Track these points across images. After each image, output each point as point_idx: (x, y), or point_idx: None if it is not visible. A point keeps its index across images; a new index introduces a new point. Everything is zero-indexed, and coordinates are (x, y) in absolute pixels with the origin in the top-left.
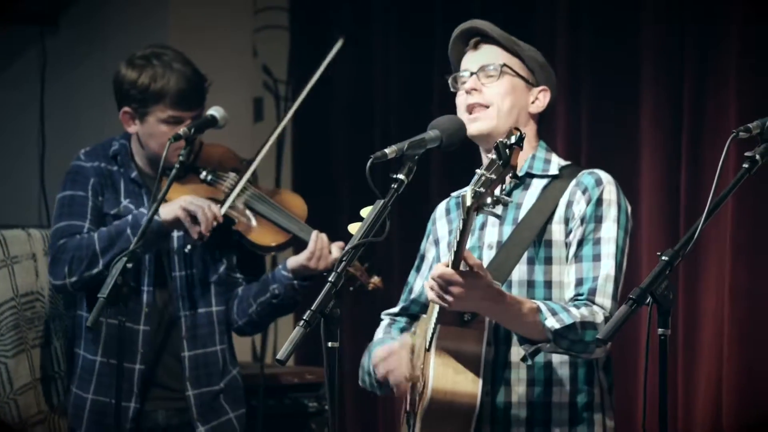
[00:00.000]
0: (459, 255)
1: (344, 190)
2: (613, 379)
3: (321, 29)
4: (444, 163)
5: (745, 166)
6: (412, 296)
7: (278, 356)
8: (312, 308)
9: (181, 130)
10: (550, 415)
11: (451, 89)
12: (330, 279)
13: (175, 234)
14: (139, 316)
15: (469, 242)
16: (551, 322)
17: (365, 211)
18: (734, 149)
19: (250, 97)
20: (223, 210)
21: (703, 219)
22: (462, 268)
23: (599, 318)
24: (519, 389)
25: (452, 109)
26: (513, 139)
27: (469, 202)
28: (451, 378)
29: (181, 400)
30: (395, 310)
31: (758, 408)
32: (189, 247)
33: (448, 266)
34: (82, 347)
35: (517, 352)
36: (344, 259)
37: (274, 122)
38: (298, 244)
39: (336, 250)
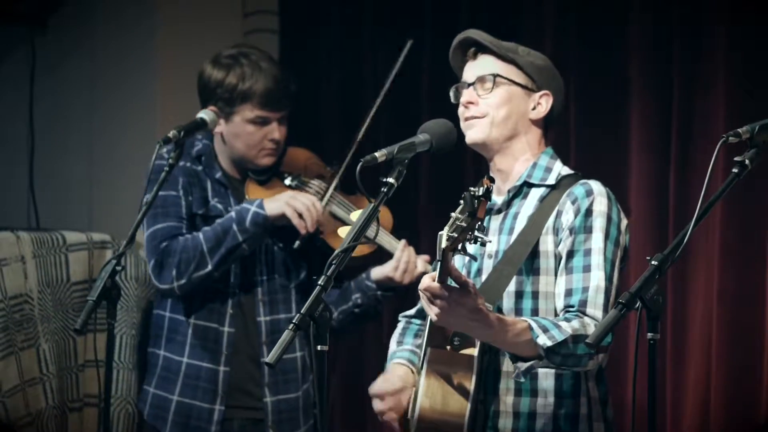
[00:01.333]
0: (443, 274)
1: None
2: (607, 390)
3: (310, 33)
4: (433, 166)
5: (735, 171)
6: None
7: (268, 359)
8: (301, 312)
9: (171, 132)
10: (534, 425)
11: (453, 101)
12: (319, 282)
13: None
14: (224, 318)
15: (472, 250)
16: (543, 340)
17: (355, 215)
18: (723, 154)
19: None
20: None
21: (692, 224)
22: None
23: (590, 330)
24: (507, 399)
25: (441, 113)
26: (480, 191)
27: (443, 245)
28: (439, 400)
29: (258, 409)
30: (412, 312)
31: (746, 412)
32: (298, 243)
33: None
34: (162, 347)
35: (507, 361)
36: (334, 262)
37: None
38: (382, 255)
39: (421, 263)
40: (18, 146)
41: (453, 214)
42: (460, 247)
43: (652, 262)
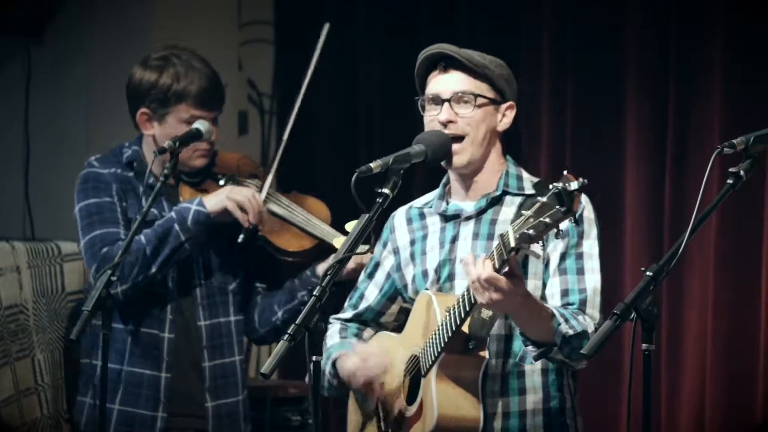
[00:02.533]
0: (503, 265)
1: (328, 203)
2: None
3: (306, 43)
4: (428, 177)
5: (730, 181)
6: (368, 303)
7: (263, 370)
8: (296, 322)
9: (166, 143)
10: (525, 422)
11: (422, 113)
12: (315, 293)
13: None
14: (164, 324)
15: (440, 255)
16: (564, 328)
17: (350, 225)
18: (719, 164)
19: (234, 110)
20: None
21: (687, 234)
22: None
23: (591, 328)
24: (495, 400)
25: None
26: (575, 185)
27: (513, 244)
28: (454, 404)
29: (201, 417)
30: (346, 315)
31: (742, 421)
32: (242, 237)
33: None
34: (99, 356)
35: (494, 364)
36: (329, 273)
37: (259, 136)
38: (322, 250)
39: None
40: (13, 156)
41: (525, 212)
42: (534, 245)
43: (647, 273)
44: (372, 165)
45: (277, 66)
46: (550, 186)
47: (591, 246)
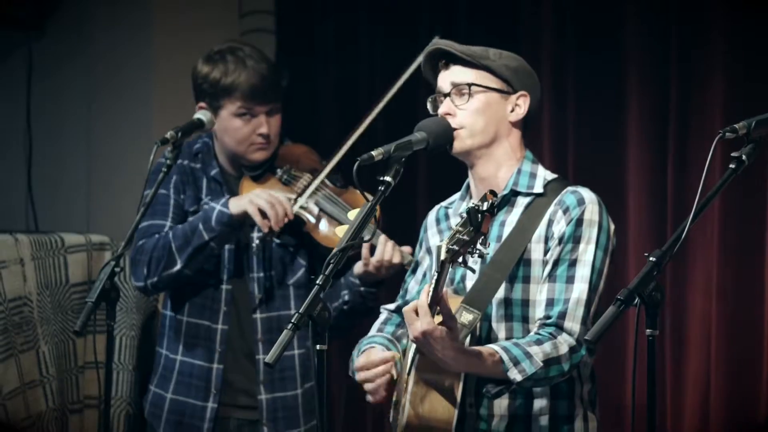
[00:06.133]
0: (434, 301)
1: None
2: (597, 390)
3: (307, 33)
4: (430, 165)
5: (732, 166)
6: (407, 297)
7: (267, 359)
8: (300, 311)
9: (168, 133)
10: (531, 426)
11: (431, 112)
12: (318, 282)
13: (255, 234)
14: (218, 315)
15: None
16: (513, 374)
17: (352, 214)
18: (720, 150)
19: None
20: (294, 209)
21: (690, 219)
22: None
23: (563, 349)
24: (501, 402)
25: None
26: (485, 206)
27: (443, 257)
28: (427, 407)
29: (254, 408)
30: (392, 306)
31: (746, 408)
32: (257, 242)
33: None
34: (163, 346)
35: None
36: (332, 261)
37: None
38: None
39: (398, 255)
40: (16, 149)
41: (454, 227)
42: (460, 259)
43: (650, 258)
44: (373, 153)
45: (278, 56)
46: (473, 204)
47: (586, 251)
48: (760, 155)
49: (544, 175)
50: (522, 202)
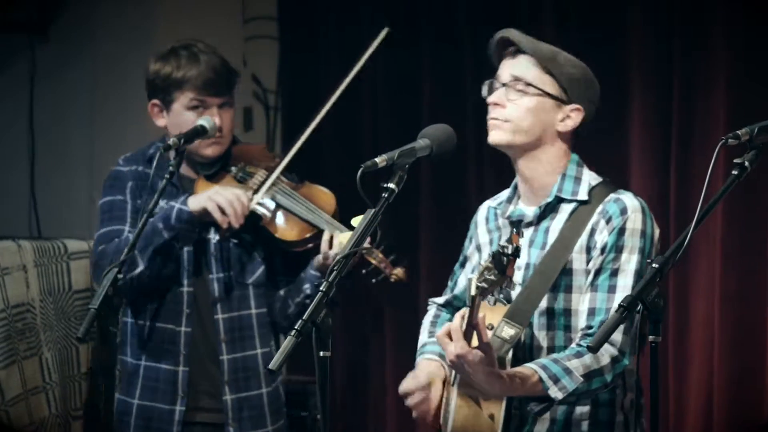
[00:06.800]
0: (472, 319)
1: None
2: (643, 400)
3: (310, 39)
4: (434, 171)
5: (734, 172)
6: (457, 292)
7: (270, 365)
8: (303, 318)
9: (171, 140)
10: (570, 431)
11: (483, 95)
12: (321, 288)
13: (212, 237)
14: (181, 318)
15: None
16: (554, 392)
17: (356, 221)
18: (723, 156)
19: (239, 106)
20: (251, 205)
21: (692, 226)
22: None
23: (605, 360)
24: (542, 426)
25: (441, 118)
26: (510, 250)
27: (472, 292)
28: (471, 421)
29: (220, 411)
30: (441, 300)
31: (750, 413)
32: (218, 238)
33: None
34: (126, 353)
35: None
36: (335, 268)
37: (264, 132)
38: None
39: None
40: (19, 155)
41: (482, 263)
42: (494, 293)
43: (653, 265)
44: (377, 160)
45: (281, 62)
46: (500, 244)
47: (628, 261)
48: (762, 161)
49: (588, 179)
50: (566, 208)
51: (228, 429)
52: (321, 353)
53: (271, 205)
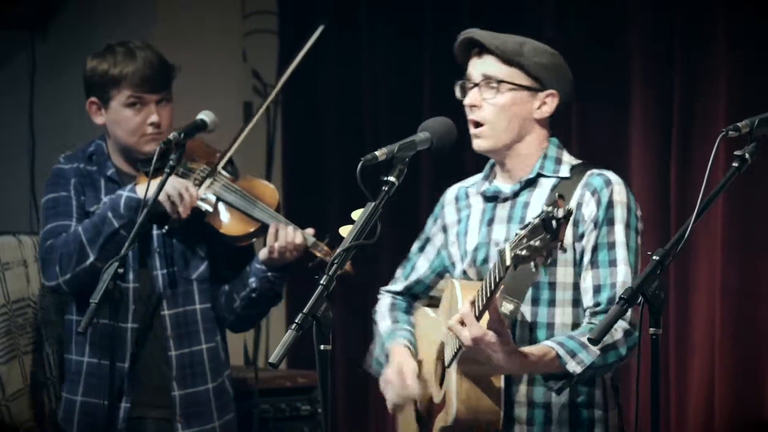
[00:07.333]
0: (486, 307)
1: (335, 193)
2: (620, 379)
3: (310, 33)
4: (434, 165)
5: (735, 165)
6: (417, 276)
7: (271, 360)
8: (304, 311)
9: (171, 135)
10: (550, 414)
11: (458, 97)
12: (321, 282)
13: (155, 233)
14: (127, 314)
15: (478, 237)
16: (572, 366)
17: (356, 214)
18: (723, 148)
19: (239, 101)
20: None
21: (693, 218)
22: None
23: (618, 335)
24: (521, 387)
25: (442, 111)
26: (560, 213)
27: (507, 262)
28: (474, 401)
29: (166, 406)
30: (397, 288)
31: (751, 407)
32: (166, 228)
33: (473, 310)
34: (71, 351)
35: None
36: (336, 262)
37: (264, 126)
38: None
39: (300, 236)
40: (19, 150)
41: (519, 232)
42: (525, 263)
43: (654, 257)
44: (377, 153)
45: (281, 56)
46: (542, 208)
47: (622, 232)
48: (763, 153)
49: (569, 160)
50: (547, 183)
51: (176, 425)
52: (321, 347)
53: (213, 199)
